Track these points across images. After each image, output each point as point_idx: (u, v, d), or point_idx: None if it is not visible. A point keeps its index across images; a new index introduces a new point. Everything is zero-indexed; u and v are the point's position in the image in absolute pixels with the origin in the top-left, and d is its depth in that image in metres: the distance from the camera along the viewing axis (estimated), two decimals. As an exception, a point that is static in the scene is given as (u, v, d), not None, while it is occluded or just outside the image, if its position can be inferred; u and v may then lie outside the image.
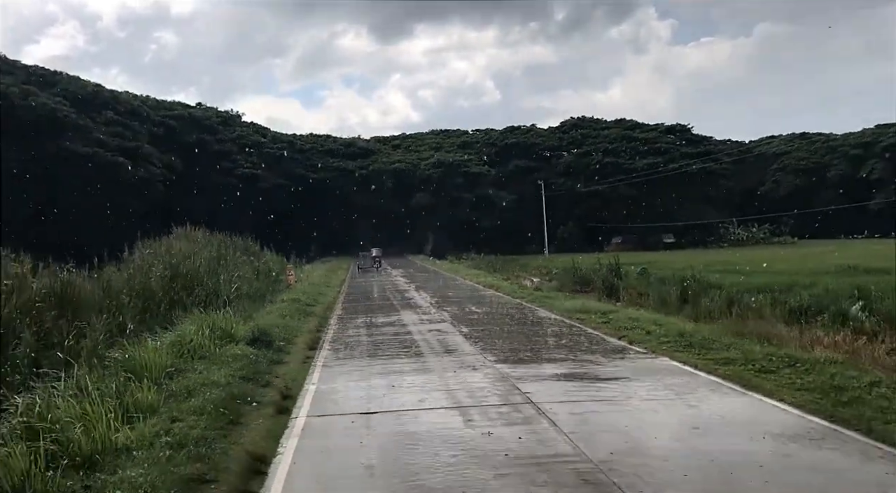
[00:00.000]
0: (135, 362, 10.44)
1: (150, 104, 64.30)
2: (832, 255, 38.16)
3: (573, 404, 9.14)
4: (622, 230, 77.20)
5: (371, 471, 6.81)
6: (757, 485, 6.13)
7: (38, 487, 6.09)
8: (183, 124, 65.17)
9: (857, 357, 12.21)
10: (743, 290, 21.56)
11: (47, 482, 6.19)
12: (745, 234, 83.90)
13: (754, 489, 6.09)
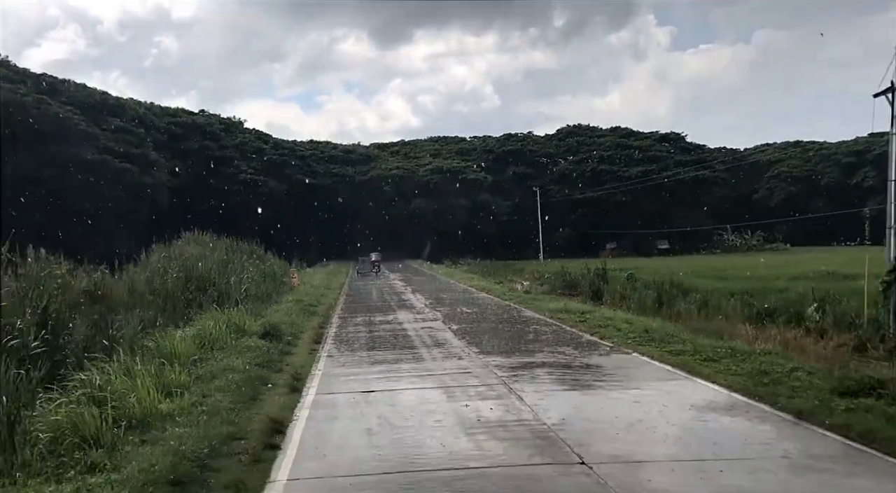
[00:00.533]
0: (166, 350, 12.18)
1: (155, 111, 66.10)
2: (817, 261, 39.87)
3: (540, 384, 10.88)
4: (617, 236, 79.04)
5: (369, 431, 8.53)
6: (672, 439, 7.87)
7: (107, 440, 7.81)
8: (186, 131, 66.97)
9: (802, 351, 13.97)
10: (719, 294, 23.34)
11: (114, 436, 7.92)
12: (738, 240, 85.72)
13: (670, 439, 7.82)
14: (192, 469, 6.96)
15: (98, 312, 12.74)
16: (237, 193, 65.44)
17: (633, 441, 7.82)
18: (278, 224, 61.40)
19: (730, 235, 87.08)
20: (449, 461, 7.24)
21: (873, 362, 12.79)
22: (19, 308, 10.23)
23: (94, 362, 10.43)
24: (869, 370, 10.45)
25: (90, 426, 7.88)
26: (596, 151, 79.23)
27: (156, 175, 52.60)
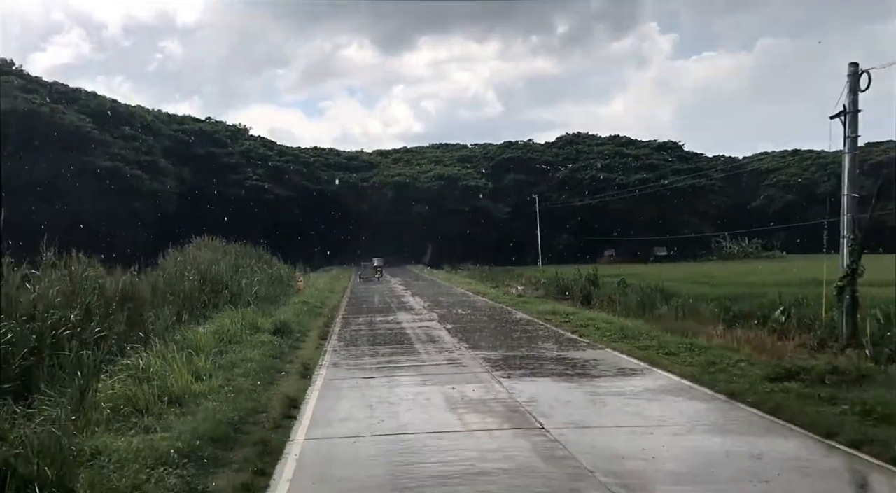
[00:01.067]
0: (191, 342, 13.92)
1: (163, 118, 68.08)
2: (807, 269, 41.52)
3: (519, 373, 12.59)
4: (615, 243, 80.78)
5: (370, 407, 10.25)
6: (621, 412, 9.57)
7: (155, 410, 9.53)
8: (193, 138, 68.88)
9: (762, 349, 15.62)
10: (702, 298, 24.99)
11: (159, 408, 9.64)
12: (736, 248, 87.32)
13: (619, 412, 9.53)
14: (227, 431, 8.68)
15: (130, 309, 14.48)
16: (242, 198, 67.25)
17: (588, 414, 9.53)
18: (282, 229, 63.26)
19: (728, 242, 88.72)
20: (435, 427, 8.96)
21: (818, 356, 14.45)
22: (72, 303, 11.98)
23: (133, 351, 12.20)
24: (801, 361, 12.13)
25: (140, 399, 9.63)
26: (595, 160, 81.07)
27: (164, 181, 54.46)
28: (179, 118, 72.14)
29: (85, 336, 10.76)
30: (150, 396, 9.81)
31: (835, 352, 15.98)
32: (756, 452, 7.62)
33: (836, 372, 10.95)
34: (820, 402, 9.40)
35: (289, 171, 74.73)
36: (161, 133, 64.02)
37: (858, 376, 10.77)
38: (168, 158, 60.41)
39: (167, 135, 65.39)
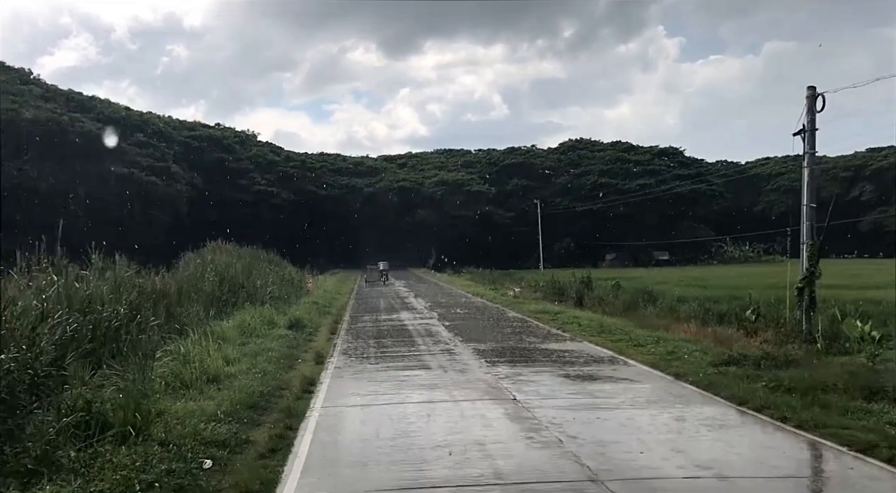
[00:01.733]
0: (219, 334, 16.07)
1: (174, 125, 70.53)
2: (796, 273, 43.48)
3: (503, 358, 14.69)
4: (617, 248, 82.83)
5: (376, 385, 12.36)
6: (581, 391, 11.65)
7: (197, 385, 11.66)
8: (203, 143, 71.31)
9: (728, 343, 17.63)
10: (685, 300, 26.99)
11: (201, 384, 11.77)
12: (737, 252, 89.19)
13: (580, 391, 11.60)
14: (259, 401, 10.82)
15: (165, 305, 16.65)
16: (251, 203, 69.68)
17: (554, 391, 11.63)
18: (289, 233, 65.54)
19: (729, 246, 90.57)
20: (427, 399, 11.06)
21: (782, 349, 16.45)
22: (120, 299, 14.13)
23: (171, 339, 14.37)
24: (744, 351, 14.17)
25: (185, 376, 11.79)
26: (597, 165, 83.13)
27: (177, 186, 56.80)
28: (190, 124, 74.62)
29: (135, 326, 12.93)
30: (192, 374, 11.97)
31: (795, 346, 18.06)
32: (680, 415, 9.71)
33: (769, 359, 13.04)
34: (745, 380, 11.48)
35: (296, 176, 77.11)
36: (172, 139, 66.44)
37: (786, 361, 12.86)
38: (179, 164, 62.80)
39: (178, 141, 67.81)
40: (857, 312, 19.17)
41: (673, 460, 7.58)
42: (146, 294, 16.13)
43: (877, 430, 8.28)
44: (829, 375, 11.31)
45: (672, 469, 7.30)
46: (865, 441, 7.83)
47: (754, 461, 7.71)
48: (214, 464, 7.75)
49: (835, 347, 15.93)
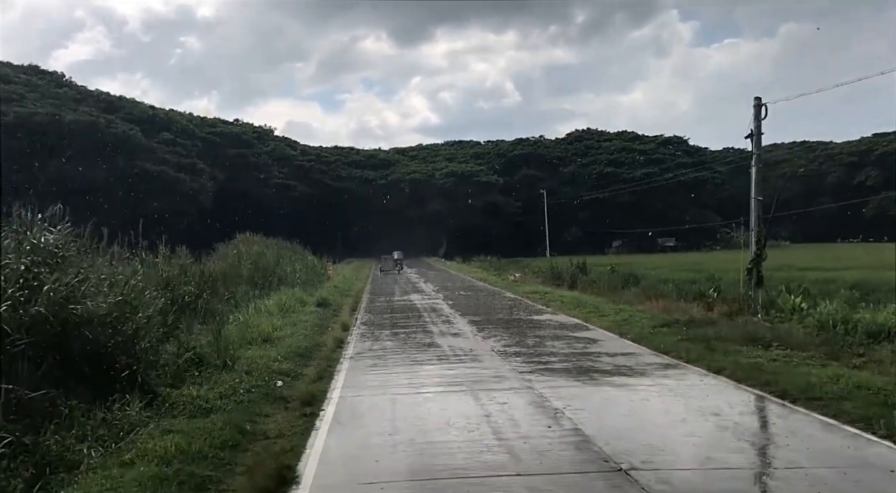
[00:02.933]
0: (263, 308, 20.16)
1: (195, 122, 74.82)
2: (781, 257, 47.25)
3: (492, 329, 18.67)
4: (622, 235, 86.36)
5: (390, 344, 16.37)
6: (544, 345, 15.59)
7: (256, 342, 15.73)
8: (223, 139, 75.57)
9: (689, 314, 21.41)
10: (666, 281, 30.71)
11: (259, 342, 15.83)
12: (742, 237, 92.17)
13: (542, 345, 15.54)
14: (305, 351, 14.87)
15: (219, 285, 20.77)
16: (269, 196, 73.94)
17: (525, 347, 15.58)
18: (306, 224, 69.73)
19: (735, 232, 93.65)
20: (428, 358, 15.03)
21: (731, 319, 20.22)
22: (187, 280, 18.21)
23: (229, 311, 18.47)
24: (680, 317, 18.01)
25: (247, 336, 15.87)
26: (603, 155, 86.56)
27: (202, 182, 61.13)
28: (210, 121, 78.94)
29: (203, 301, 17.03)
30: (252, 335, 16.05)
31: (745, 317, 21.81)
32: (611, 354, 13.64)
33: (693, 322, 16.91)
34: (670, 335, 15.38)
35: (311, 169, 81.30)
36: (195, 135, 70.74)
37: (707, 323, 16.72)
38: (202, 159, 67.11)
39: (200, 137, 72.09)
40: (799, 288, 22.76)
41: (604, 362, 11.54)
42: (204, 277, 20.25)
43: (731, 362, 12.15)
44: (731, 331, 15.19)
45: (601, 368, 11.25)
46: (718, 367, 11.74)
47: (648, 366, 11.60)
48: (283, 384, 11.80)
49: (771, 315, 19.65)
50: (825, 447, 7.71)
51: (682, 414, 9.18)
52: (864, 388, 9.81)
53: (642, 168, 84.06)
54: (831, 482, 6.49)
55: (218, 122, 79.84)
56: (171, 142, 61.19)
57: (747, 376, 10.96)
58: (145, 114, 63.34)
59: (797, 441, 7.85)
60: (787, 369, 11.41)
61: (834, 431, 8.25)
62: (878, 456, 7.29)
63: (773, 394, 9.88)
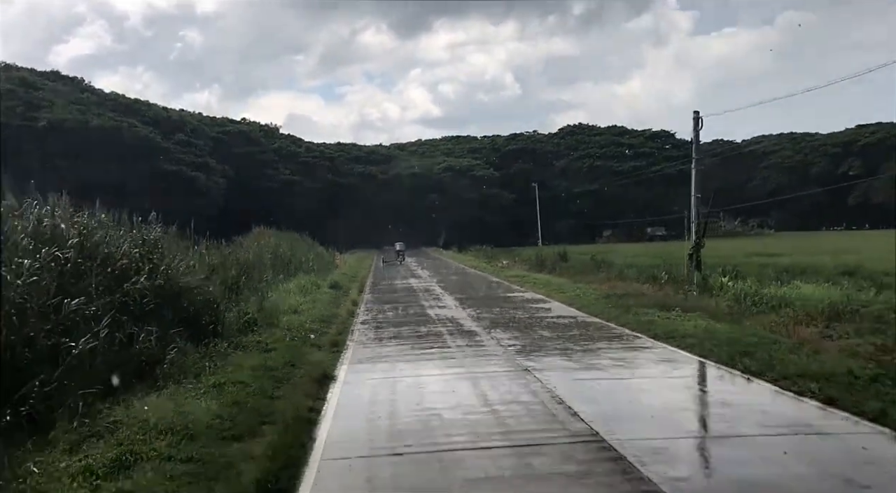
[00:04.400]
0: (287, 289, 25.02)
1: (206, 122, 79.59)
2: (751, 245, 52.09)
3: (474, 304, 23.52)
4: (612, 225, 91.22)
5: (392, 314, 21.24)
6: (511, 312, 20.45)
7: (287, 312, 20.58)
8: (232, 138, 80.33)
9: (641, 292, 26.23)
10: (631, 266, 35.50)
11: (289, 312, 20.68)
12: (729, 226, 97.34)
13: (514, 316, 20.38)
14: (326, 318, 19.73)
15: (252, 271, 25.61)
16: (276, 190, 78.72)
17: (495, 315, 20.42)
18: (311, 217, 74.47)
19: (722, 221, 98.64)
20: (419, 319, 19.89)
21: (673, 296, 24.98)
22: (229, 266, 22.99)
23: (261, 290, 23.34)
24: (620, 291, 22.82)
25: (280, 308, 20.73)
26: (593, 149, 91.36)
27: (215, 180, 65.95)
28: (220, 120, 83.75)
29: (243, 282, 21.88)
30: (284, 307, 20.90)
31: (685, 294, 26.55)
32: (559, 315, 18.48)
33: (629, 294, 21.72)
34: (605, 304, 20.22)
35: (316, 165, 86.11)
36: (205, 134, 75.49)
37: (640, 294, 21.54)
38: (213, 157, 71.91)
39: (210, 136, 76.85)
40: (733, 270, 27.43)
41: (547, 321, 16.40)
42: (240, 264, 25.13)
43: (634, 319, 16.96)
44: (652, 300, 20.02)
45: (544, 327, 16.10)
46: (623, 322, 16.61)
47: (576, 323, 16.38)
48: (315, 337, 16.63)
49: (706, 293, 24.40)
50: (658, 357, 12.54)
51: (571, 332, 14.05)
52: (710, 332, 14.58)
53: (631, 161, 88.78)
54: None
55: (227, 121, 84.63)
56: (186, 143, 65.98)
57: (638, 326, 15.82)
58: (160, 116, 68.12)
59: (638, 352, 12.73)
60: (668, 323, 16.17)
61: (666, 351, 13.09)
62: (680, 355, 12.15)
63: (647, 335, 14.74)
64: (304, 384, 11.11)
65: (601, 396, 9.90)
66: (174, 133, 66.94)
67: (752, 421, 8.43)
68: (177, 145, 63.63)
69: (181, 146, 64.37)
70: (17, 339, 9.30)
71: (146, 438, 7.76)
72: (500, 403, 9.62)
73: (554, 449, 7.47)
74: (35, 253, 10.73)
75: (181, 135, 67.19)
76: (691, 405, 9.79)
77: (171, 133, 66.51)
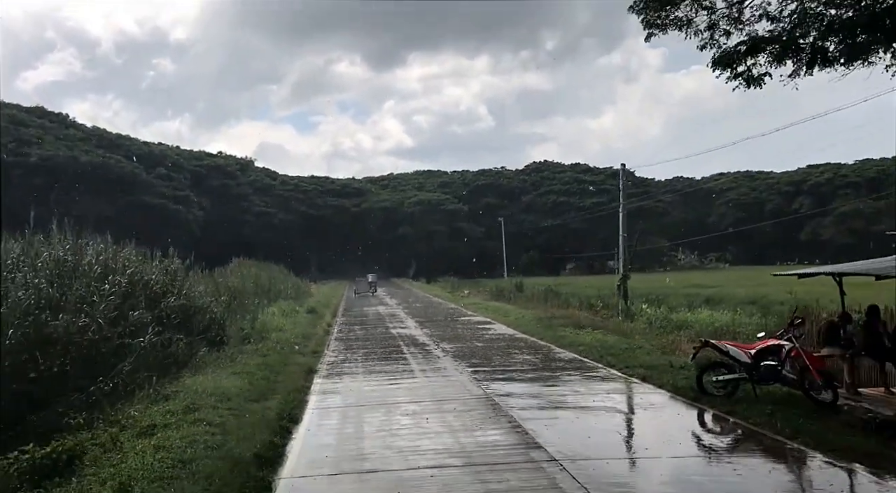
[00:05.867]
0: (271, 313, 29.65)
1: (184, 156, 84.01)
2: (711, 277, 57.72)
3: (430, 323, 28.38)
4: (575, 258, 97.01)
5: (361, 333, 26.01)
6: (457, 331, 25.35)
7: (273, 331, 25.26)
8: (209, 171, 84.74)
9: (575, 315, 31.31)
10: (575, 295, 40.67)
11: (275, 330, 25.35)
12: (685, 260, 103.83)
13: (456, 331, 25.27)
14: (306, 335, 24.44)
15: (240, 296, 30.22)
16: (252, 223, 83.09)
17: (446, 333, 25.29)
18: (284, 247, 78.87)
19: (681, 255, 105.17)
20: (383, 335, 24.69)
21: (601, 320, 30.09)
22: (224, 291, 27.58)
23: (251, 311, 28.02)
24: (552, 314, 27.87)
25: (266, 328, 25.39)
26: (557, 186, 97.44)
27: (193, 212, 70.26)
28: (197, 154, 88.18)
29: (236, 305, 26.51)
30: (271, 326, 25.55)
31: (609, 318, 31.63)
32: (496, 334, 23.42)
33: (558, 317, 26.77)
34: (536, 325, 25.19)
35: (290, 198, 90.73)
36: (183, 167, 79.83)
37: (568, 317, 26.59)
38: (191, 190, 76.23)
39: (188, 169, 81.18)
40: (655, 299, 32.63)
41: (485, 337, 21.30)
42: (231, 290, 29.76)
43: (551, 334, 21.93)
44: (576, 322, 25.08)
45: (480, 341, 21.00)
46: (542, 335, 21.59)
47: (505, 337, 21.25)
48: (298, 348, 21.31)
49: (629, 317, 29.52)
50: (551, 354, 17.48)
51: (499, 343, 18.98)
52: (600, 342, 19.56)
53: (592, 198, 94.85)
54: (533, 362, 16.36)
55: (204, 154, 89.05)
56: (167, 177, 70.34)
57: (552, 339, 20.85)
58: (142, 150, 72.48)
59: (540, 352, 17.70)
60: (574, 337, 21.16)
61: (559, 352, 18.05)
62: (567, 354, 17.15)
63: (554, 344, 19.76)
64: (296, 374, 15.89)
65: (503, 371, 14.85)
66: (155, 167, 71.25)
67: (583, 383, 13.49)
68: (158, 179, 67.96)
69: (163, 180, 68.69)
70: (99, 338, 13.97)
71: (200, 398, 12.46)
72: (432, 382, 14.54)
73: (450, 380, 12.41)
74: (103, 278, 15.51)
75: (162, 168, 71.52)
76: (539, 365, 14.80)
77: (153, 167, 70.83)
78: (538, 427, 10.23)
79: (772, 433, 9.83)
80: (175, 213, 65.22)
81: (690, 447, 9.60)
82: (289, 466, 8.87)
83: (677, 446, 9.43)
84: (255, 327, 23.49)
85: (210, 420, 10.93)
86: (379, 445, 9.68)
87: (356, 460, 9.00)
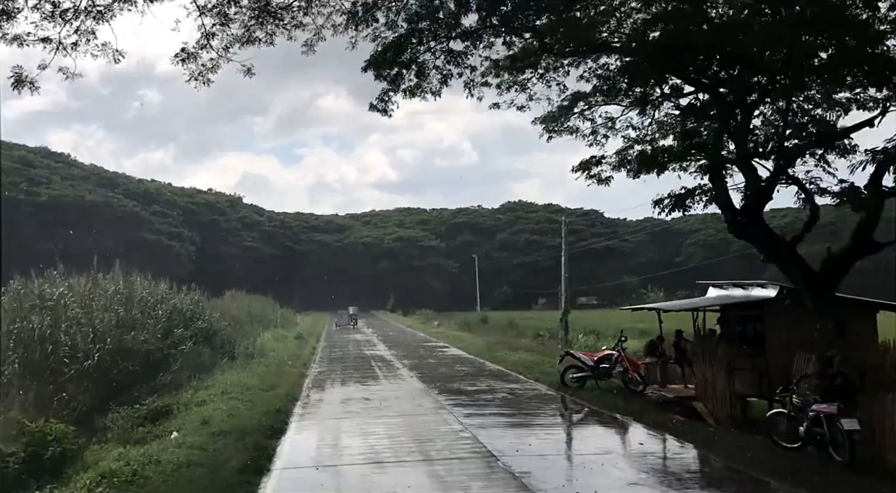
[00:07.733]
0: (266, 337, 35.98)
1: (177, 193, 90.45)
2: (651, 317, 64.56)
3: (398, 346, 34.85)
4: (547, 294, 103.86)
5: (343, 352, 32.42)
6: (417, 351, 31.83)
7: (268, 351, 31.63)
8: (200, 207, 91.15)
9: (520, 344, 37.85)
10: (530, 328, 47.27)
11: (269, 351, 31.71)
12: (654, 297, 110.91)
13: (416, 352, 31.74)
14: (297, 355, 30.81)
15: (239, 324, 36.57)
16: (240, 257, 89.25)
17: (409, 353, 31.76)
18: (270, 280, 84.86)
19: (649, 292, 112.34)
20: (358, 355, 31.12)
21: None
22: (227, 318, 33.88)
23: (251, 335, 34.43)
24: (502, 340, 34.44)
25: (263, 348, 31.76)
26: (530, 225, 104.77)
27: (187, 247, 76.47)
28: (189, 191, 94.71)
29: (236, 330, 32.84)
30: (267, 347, 31.88)
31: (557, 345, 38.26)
32: (448, 355, 29.93)
33: (502, 343, 33.34)
34: (486, 349, 31.72)
35: (276, 233, 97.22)
36: (176, 204, 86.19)
37: (511, 345, 33.18)
38: (183, 226, 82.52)
39: (180, 205, 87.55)
40: (592, 331, 39.12)
41: (439, 356, 27.83)
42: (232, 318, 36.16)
43: (492, 356, 28.46)
44: (514, 346, 31.62)
45: (434, 359, 27.52)
46: (484, 357, 28.16)
47: (455, 356, 27.72)
48: (291, 363, 27.66)
49: (568, 344, 36.11)
50: (480, 366, 23.98)
51: (447, 360, 25.48)
52: (521, 359, 26.07)
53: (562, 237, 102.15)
54: (468, 371, 22.95)
55: (195, 191, 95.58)
56: (162, 214, 76.69)
57: (489, 358, 27.42)
58: (138, 188, 78.91)
59: (471, 364, 24.25)
60: (506, 356, 27.59)
61: (486, 364, 24.55)
62: (491, 366, 23.71)
63: (489, 361, 26.31)
64: (292, 376, 22.40)
65: (443, 377, 21.30)
66: (150, 204, 77.60)
67: (495, 381, 20.10)
68: (154, 216, 74.28)
69: (158, 217, 75.01)
70: (154, 348, 20.40)
71: (229, 387, 18.87)
72: (392, 383, 21.07)
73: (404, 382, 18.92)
74: (155, 306, 22.06)
75: (156, 206, 77.86)
76: (471, 373, 21.32)
77: (148, 204, 77.17)
78: (451, 400, 16.81)
79: (602, 408, 16.39)
80: (169, 248, 71.39)
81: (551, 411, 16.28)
82: (295, 415, 15.40)
83: (540, 411, 16.07)
84: (256, 347, 29.88)
85: (240, 397, 17.38)
86: (354, 402, 16.27)
87: (339, 406, 15.59)
